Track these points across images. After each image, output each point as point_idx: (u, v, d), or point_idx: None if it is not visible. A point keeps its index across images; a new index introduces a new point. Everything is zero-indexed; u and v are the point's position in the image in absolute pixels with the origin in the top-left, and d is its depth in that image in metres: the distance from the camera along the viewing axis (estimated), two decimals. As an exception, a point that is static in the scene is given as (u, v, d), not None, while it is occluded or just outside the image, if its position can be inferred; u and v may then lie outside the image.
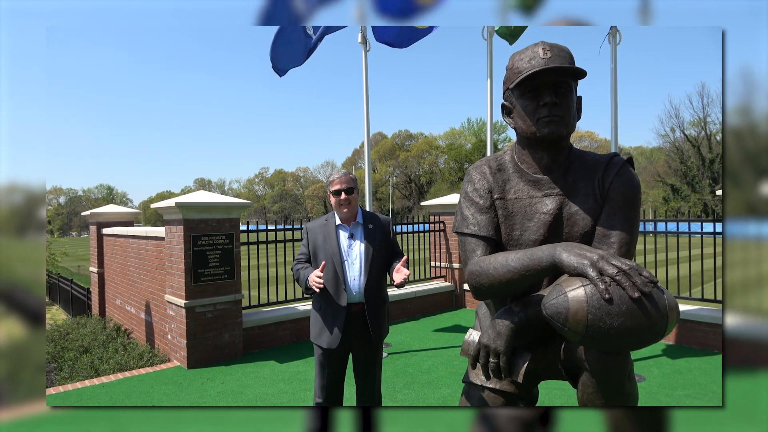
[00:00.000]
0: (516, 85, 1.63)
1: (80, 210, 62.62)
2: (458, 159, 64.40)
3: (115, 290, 8.08)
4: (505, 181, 1.75)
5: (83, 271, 20.42)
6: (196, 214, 5.28)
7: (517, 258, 1.52)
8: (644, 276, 1.31)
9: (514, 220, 1.72)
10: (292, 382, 4.64)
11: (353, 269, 2.83)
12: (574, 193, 1.67)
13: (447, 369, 4.92)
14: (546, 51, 1.60)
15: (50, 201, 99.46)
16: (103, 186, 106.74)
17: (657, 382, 4.40)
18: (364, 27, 6.03)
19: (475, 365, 1.69)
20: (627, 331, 1.29)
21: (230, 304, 5.49)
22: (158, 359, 5.62)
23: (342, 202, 2.84)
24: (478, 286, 1.63)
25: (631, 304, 1.28)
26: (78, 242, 58.40)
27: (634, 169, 1.73)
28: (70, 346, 6.64)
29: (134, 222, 9.03)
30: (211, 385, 4.64)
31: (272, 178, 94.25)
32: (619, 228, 1.61)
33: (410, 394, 4.29)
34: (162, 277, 5.93)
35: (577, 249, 1.42)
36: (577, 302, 1.32)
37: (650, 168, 51.74)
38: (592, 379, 1.47)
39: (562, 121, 1.60)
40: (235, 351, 5.49)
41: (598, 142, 63.60)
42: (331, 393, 2.90)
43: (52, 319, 10.70)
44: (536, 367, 1.73)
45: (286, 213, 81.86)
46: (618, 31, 5.09)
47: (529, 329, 1.60)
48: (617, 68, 5.15)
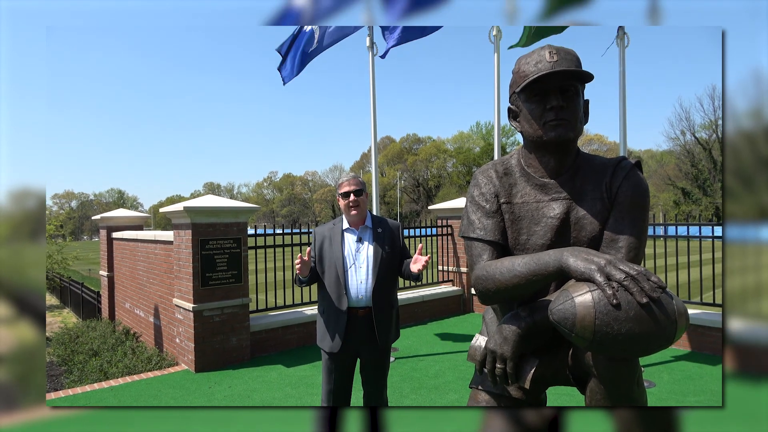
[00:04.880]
0: (522, 88, 1.62)
1: (91, 214, 63.32)
2: (467, 163, 64.30)
3: (125, 294, 8.14)
4: (512, 185, 1.74)
5: (94, 274, 20.60)
6: (204, 219, 5.31)
7: (524, 263, 1.51)
8: (652, 281, 1.29)
9: (520, 225, 1.70)
10: (299, 387, 4.64)
11: (360, 273, 2.83)
12: (582, 197, 1.66)
13: (454, 374, 4.89)
14: (553, 54, 1.59)
15: (62, 205, 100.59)
16: (114, 190, 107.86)
17: (667, 389, 4.34)
18: (371, 32, 6.04)
19: (481, 371, 1.67)
20: (635, 337, 1.27)
21: (238, 308, 5.51)
22: (166, 363, 5.65)
23: (351, 204, 2.84)
24: (484, 291, 1.62)
25: (639, 309, 1.26)
26: (89, 246, 58.98)
27: (642, 173, 1.71)
28: (80, 349, 6.69)
29: (144, 226, 9.10)
30: (218, 389, 4.65)
31: (281, 182, 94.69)
32: (627, 232, 1.59)
33: (417, 399, 4.27)
34: (170, 280, 5.96)
35: (584, 254, 1.41)
36: (585, 308, 1.30)
37: (660, 171, 51.31)
38: (600, 386, 1.45)
39: (568, 124, 1.59)
40: (242, 355, 5.50)
41: (607, 145, 63.21)
42: (338, 397, 2.89)
43: (62, 322, 10.80)
44: (544, 373, 1.71)
45: (294, 217, 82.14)
46: (626, 33, 5.05)
47: (537, 335, 1.58)
48: (626, 71, 5.11)
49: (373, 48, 6.03)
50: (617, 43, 5.10)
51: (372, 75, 6.08)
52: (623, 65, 5.10)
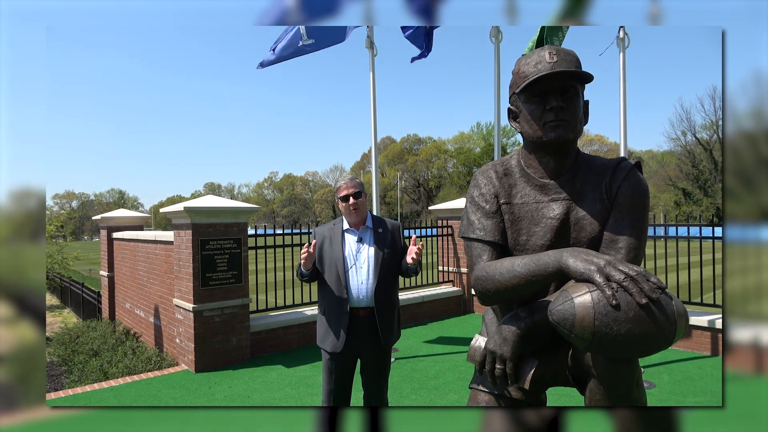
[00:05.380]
0: (522, 89, 1.62)
1: (92, 214, 63.39)
2: (467, 163, 64.30)
3: (125, 294, 8.14)
4: (512, 185, 1.74)
5: (94, 274, 20.62)
6: (204, 219, 5.31)
7: (523, 263, 1.51)
8: (652, 282, 1.29)
9: (520, 225, 1.70)
10: (299, 387, 4.64)
11: (361, 273, 2.83)
12: (582, 197, 1.66)
13: (455, 374, 4.89)
14: (552, 55, 1.59)
15: (63, 205, 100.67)
16: (115, 190, 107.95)
17: (668, 389, 4.33)
18: (371, 32, 6.04)
19: (481, 371, 1.67)
20: (634, 338, 1.26)
21: (238, 308, 5.51)
22: (166, 363, 5.65)
23: (351, 207, 2.85)
24: (483, 292, 1.62)
25: (638, 310, 1.26)
26: (90, 246, 59.02)
27: (642, 174, 1.71)
28: (80, 349, 6.70)
29: (144, 226, 9.10)
30: (218, 389, 4.65)
31: (281, 182, 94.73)
32: (626, 233, 1.59)
33: (417, 400, 4.27)
34: (170, 281, 5.96)
35: (583, 254, 1.41)
36: (584, 308, 1.30)
37: (661, 172, 51.29)
38: (600, 387, 1.45)
39: (568, 125, 1.59)
40: (242, 355, 5.50)
41: (608, 146, 63.18)
42: (338, 398, 2.89)
43: (63, 322, 10.80)
44: (543, 373, 1.71)
45: (295, 217, 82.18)
46: (627, 33, 5.05)
47: (536, 335, 1.58)
48: (626, 71, 5.11)
49: (373, 48, 6.03)
50: (618, 44, 5.09)
51: (372, 75, 6.08)
52: (624, 66, 5.10)
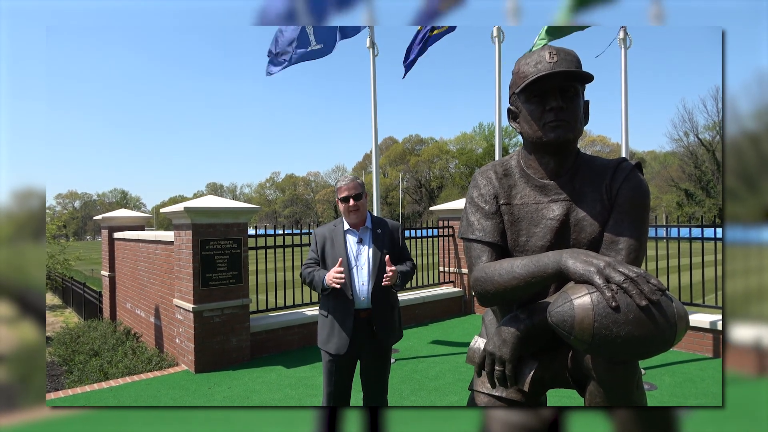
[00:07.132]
0: (522, 89, 1.61)
1: (95, 214, 63.46)
2: (469, 164, 64.24)
3: (126, 294, 8.15)
4: (511, 186, 1.73)
5: (96, 274, 20.65)
6: (204, 219, 5.31)
7: (523, 264, 1.50)
8: (652, 284, 1.28)
9: (520, 226, 1.69)
10: (298, 388, 4.63)
11: (362, 274, 2.83)
12: (582, 198, 1.65)
13: (455, 376, 4.88)
14: (552, 55, 1.58)
15: (65, 205, 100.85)
16: (117, 190, 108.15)
17: (669, 391, 4.32)
18: (372, 32, 6.04)
19: (480, 373, 1.66)
20: (634, 340, 1.25)
21: (238, 308, 5.50)
22: (166, 363, 5.64)
23: (351, 209, 2.85)
24: (483, 293, 1.61)
25: (638, 312, 1.25)
26: (92, 246, 59.13)
27: (643, 175, 1.70)
28: (81, 349, 6.70)
29: (146, 226, 9.11)
30: (218, 390, 4.65)
31: (283, 182, 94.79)
32: (627, 234, 1.58)
33: (417, 401, 4.26)
34: (171, 281, 5.96)
35: (583, 255, 1.39)
36: (583, 310, 1.29)
37: (663, 173, 51.21)
38: (600, 388, 1.44)
39: (568, 125, 1.58)
40: (242, 356, 5.49)
41: (610, 146, 63.10)
42: (338, 400, 2.89)
43: (64, 322, 10.82)
44: (543, 375, 1.70)
45: (296, 217, 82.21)
46: (628, 33, 5.03)
47: (536, 337, 1.57)
48: (628, 72, 5.09)
49: (374, 48, 6.02)
50: (619, 44, 5.08)
51: (373, 75, 6.08)
52: (625, 66, 5.08)
